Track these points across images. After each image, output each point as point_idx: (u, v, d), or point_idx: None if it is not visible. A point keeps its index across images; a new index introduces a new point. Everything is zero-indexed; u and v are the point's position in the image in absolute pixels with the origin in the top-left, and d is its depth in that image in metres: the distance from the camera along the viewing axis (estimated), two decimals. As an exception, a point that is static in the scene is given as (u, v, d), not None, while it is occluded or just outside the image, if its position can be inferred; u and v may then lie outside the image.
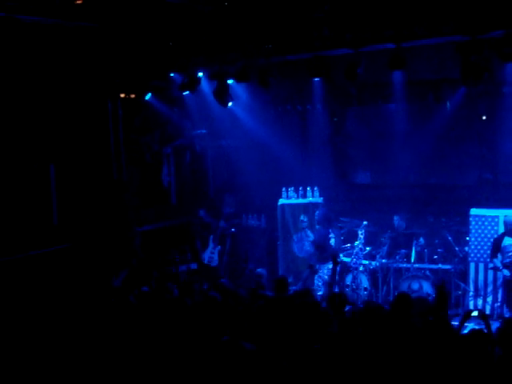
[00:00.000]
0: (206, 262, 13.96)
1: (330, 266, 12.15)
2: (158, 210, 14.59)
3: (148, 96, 13.21)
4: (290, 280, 11.71)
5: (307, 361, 6.91)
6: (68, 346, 8.28)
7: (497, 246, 11.42)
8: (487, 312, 11.56)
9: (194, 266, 13.98)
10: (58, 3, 9.68)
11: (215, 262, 13.82)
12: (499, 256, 11.43)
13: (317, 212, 13.20)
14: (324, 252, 12.55)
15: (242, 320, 7.87)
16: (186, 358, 7.65)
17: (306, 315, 7.91)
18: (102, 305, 9.38)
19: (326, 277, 12.39)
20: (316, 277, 12.61)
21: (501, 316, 11.38)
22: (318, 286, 12.54)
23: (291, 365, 6.86)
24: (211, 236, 13.97)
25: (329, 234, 12.72)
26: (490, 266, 11.70)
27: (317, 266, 12.63)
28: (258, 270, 11.82)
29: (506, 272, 11.36)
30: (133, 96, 13.32)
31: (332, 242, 12.70)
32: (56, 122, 11.90)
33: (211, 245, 13.92)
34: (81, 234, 12.13)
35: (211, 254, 13.85)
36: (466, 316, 8.40)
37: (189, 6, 10.90)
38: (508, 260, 11.28)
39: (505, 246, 11.27)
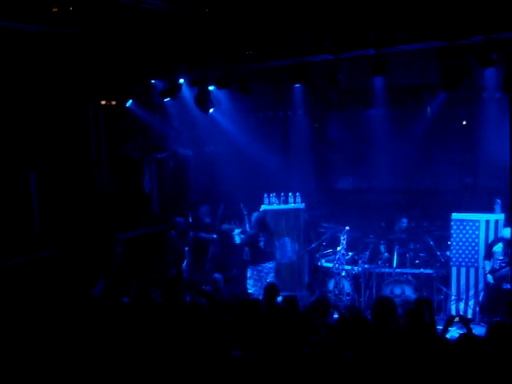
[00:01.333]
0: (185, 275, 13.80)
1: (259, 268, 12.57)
2: (140, 217, 14.52)
3: (129, 103, 13.15)
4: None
5: (289, 369, 6.90)
6: (49, 353, 8.21)
7: (489, 250, 11.52)
8: (469, 316, 11.62)
9: (174, 272, 13.92)
10: (38, 10, 9.61)
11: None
12: (491, 261, 11.51)
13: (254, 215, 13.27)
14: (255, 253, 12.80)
15: (227, 327, 7.87)
16: (174, 365, 7.62)
17: (292, 322, 7.91)
18: (83, 314, 9.30)
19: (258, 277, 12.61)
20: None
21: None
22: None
23: (274, 372, 6.85)
24: (186, 248, 13.87)
25: (259, 236, 12.82)
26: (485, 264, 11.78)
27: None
28: (215, 275, 11.90)
29: (490, 278, 11.42)
30: (114, 103, 13.26)
31: (261, 244, 12.84)
32: (37, 130, 11.83)
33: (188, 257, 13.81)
34: (62, 242, 12.05)
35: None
36: (449, 321, 8.43)
37: (170, 13, 10.88)
38: (496, 266, 11.32)
39: (495, 252, 11.32)
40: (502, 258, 11.26)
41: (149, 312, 9.25)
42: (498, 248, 11.39)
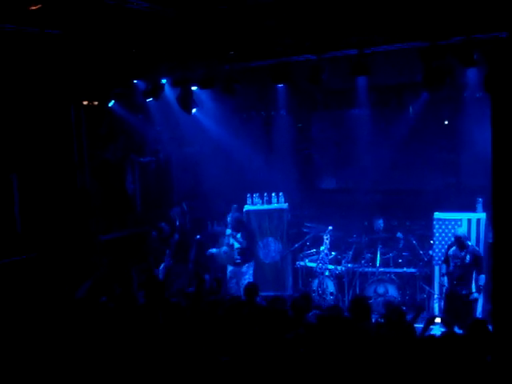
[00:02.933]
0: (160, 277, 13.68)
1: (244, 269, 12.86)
2: (123, 218, 14.46)
3: (111, 103, 13.09)
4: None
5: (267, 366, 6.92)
6: (31, 354, 8.18)
7: (446, 253, 11.50)
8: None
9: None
10: (16, 10, 9.54)
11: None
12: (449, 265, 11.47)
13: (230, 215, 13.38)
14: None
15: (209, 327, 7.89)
16: (156, 364, 7.60)
17: (273, 321, 7.93)
18: (66, 315, 9.25)
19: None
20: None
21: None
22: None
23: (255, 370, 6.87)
24: (167, 250, 13.80)
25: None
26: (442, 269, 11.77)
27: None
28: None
29: (445, 280, 11.44)
30: (96, 103, 13.19)
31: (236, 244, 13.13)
32: (18, 131, 11.74)
33: (167, 260, 13.73)
34: (44, 243, 11.98)
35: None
36: (430, 321, 8.49)
37: (152, 13, 10.84)
38: (451, 269, 11.33)
39: (450, 256, 11.33)
40: (456, 261, 11.20)
41: (131, 313, 9.23)
42: (451, 251, 11.33)
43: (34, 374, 7.90)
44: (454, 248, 11.29)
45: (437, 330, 10.51)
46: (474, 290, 11.21)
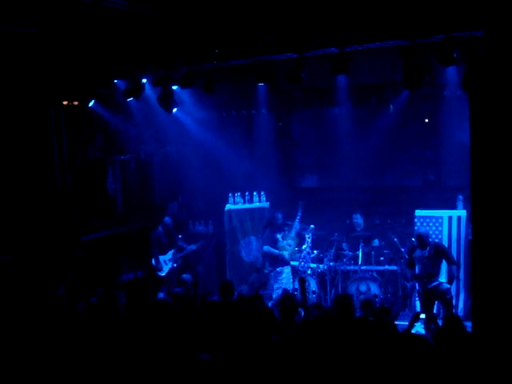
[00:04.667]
0: (162, 271, 13.67)
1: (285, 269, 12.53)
2: (104, 218, 14.39)
3: (91, 103, 13.03)
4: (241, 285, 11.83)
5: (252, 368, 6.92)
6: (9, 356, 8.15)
7: (410, 258, 11.50)
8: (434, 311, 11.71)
9: (140, 273, 13.84)
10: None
11: (164, 272, 13.60)
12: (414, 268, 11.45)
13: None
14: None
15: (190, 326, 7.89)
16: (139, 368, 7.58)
17: (251, 321, 7.92)
18: (46, 317, 9.21)
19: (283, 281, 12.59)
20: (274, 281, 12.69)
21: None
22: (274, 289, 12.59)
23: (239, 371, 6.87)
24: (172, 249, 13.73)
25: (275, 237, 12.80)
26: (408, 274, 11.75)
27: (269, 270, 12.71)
28: (184, 275, 11.87)
29: (416, 284, 11.38)
30: (76, 103, 13.12)
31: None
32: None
33: (170, 255, 13.70)
34: (24, 244, 11.90)
35: (164, 264, 13.59)
36: (415, 318, 8.55)
37: (132, 12, 10.82)
38: (418, 271, 11.36)
39: (416, 257, 11.35)
40: (425, 261, 11.21)
41: (112, 313, 9.21)
42: (419, 253, 11.37)
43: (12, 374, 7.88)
44: (417, 250, 11.32)
45: (419, 327, 10.61)
46: (443, 280, 11.27)
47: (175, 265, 13.60)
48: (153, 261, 13.51)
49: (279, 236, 12.79)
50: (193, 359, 7.25)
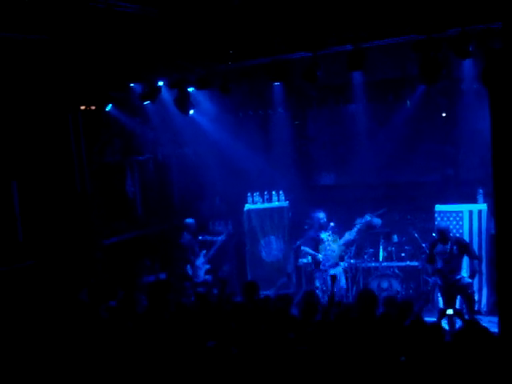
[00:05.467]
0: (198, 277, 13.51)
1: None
2: (124, 221, 14.44)
3: (109, 107, 13.08)
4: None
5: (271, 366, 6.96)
6: (31, 362, 8.21)
7: (431, 253, 11.45)
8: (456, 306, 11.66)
9: (162, 276, 13.88)
10: (13, 16, 9.53)
11: (201, 277, 13.50)
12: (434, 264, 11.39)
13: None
14: None
15: (213, 325, 7.93)
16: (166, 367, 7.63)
17: (272, 321, 7.95)
18: (70, 321, 9.27)
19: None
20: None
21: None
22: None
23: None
24: (203, 251, 13.69)
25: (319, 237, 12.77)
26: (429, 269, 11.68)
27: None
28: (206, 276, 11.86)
29: (437, 279, 11.31)
30: (93, 108, 13.17)
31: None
32: (16, 138, 11.72)
33: (201, 257, 13.62)
34: (46, 249, 11.96)
35: (199, 269, 13.53)
36: (442, 314, 8.51)
37: (147, 16, 10.84)
38: (439, 265, 11.30)
39: (437, 252, 11.29)
40: (445, 257, 11.15)
41: (131, 315, 9.27)
42: (440, 248, 11.27)
43: (35, 377, 7.95)
44: (438, 245, 11.26)
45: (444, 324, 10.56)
46: (465, 274, 11.22)
47: (208, 266, 13.50)
48: (189, 269, 13.43)
49: (325, 236, 12.73)
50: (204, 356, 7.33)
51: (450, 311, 9.94)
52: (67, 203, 12.37)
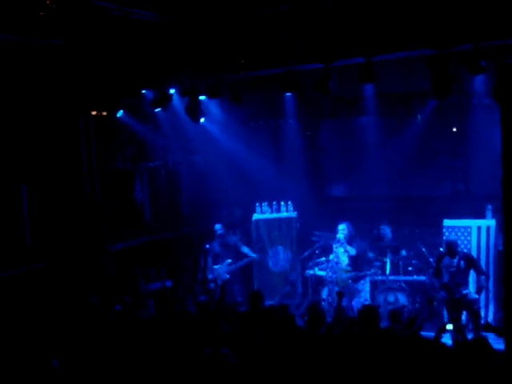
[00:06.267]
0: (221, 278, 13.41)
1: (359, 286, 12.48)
2: (132, 227, 14.46)
3: (120, 113, 13.13)
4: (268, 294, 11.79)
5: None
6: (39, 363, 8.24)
7: (437, 266, 11.40)
8: (462, 322, 11.60)
9: (168, 283, 13.87)
10: (26, 20, 9.60)
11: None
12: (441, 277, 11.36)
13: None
14: None
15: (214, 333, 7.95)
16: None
17: (277, 330, 7.95)
18: (79, 324, 9.30)
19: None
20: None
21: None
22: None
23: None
24: (228, 260, 13.55)
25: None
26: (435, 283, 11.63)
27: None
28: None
29: (443, 293, 11.28)
30: (104, 113, 13.22)
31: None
32: (27, 141, 11.78)
33: (225, 265, 13.46)
34: (54, 253, 12.00)
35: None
36: (442, 329, 8.47)
37: (160, 23, 10.90)
38: (445, 279, 11.24)
39: (444, 266, 11.24)
40: (452, 269, 11.10)
41: (137, 321, 9.30)
42: (446, 261, 11.24)
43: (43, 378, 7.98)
44: (445, 258, 11.22)
45: (447, 338, 10.50)
46: (472, 290, 11.16)
47: (228, 276, 13.37)
48: (206, 272, 13.35)
49: (335, 246, 12.77)
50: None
51: (449, 326, 9.89)
52: (76, 208, 12.42)
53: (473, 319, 11.00)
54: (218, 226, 13.62)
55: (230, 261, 13.43)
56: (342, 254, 12.58)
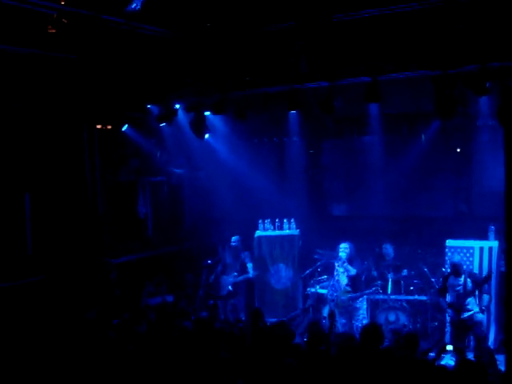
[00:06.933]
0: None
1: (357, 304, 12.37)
2: (134, 241, 14.46)
3: (125, 127, 13.18)
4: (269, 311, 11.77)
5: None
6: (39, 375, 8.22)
7: (443, 285, 11.38)
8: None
9: (169, 298, 13.85)
10: (33, 33, 9.65)
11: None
12: (448, 296, 11.34)
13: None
14: None
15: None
16: None
17: (275, 348, 7.95)
18: (77, 338, 9.27)
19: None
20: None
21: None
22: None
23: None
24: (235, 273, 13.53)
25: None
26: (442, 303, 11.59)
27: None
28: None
29: (450, 312, 11.27)
30: (109, 127, 13.28)
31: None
32: (32, 152, 11.82)
33: (231, 277, 13.47)
34: (55, 264, 11.98)
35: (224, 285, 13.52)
36: (442, 349, 8.44)
37: (167, 39, 10.97)
38: (451, 299, 11.21)
39: (450, 285, 11.22)
40: (458, 288, 11.07)
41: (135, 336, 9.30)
42: (452, 280, 11.20)
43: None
44: (451, 277, 11.21)
45: (448, 359, 10.48)
46: (476, 310, 11.14)
47: (231, 288, 13.38)
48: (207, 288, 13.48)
49: (337, 265, 12.62)
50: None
51: (449, 347, 9.86)
52: (78, 219, 12.42)
53: (476, 340, 10.94)
54: (234, 238, 13.60)
55: (235, 274, 13.43)
56: (342, 274, 12.53)
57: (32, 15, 9.33)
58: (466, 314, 10.93)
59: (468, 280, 10.99)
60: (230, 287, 13.29)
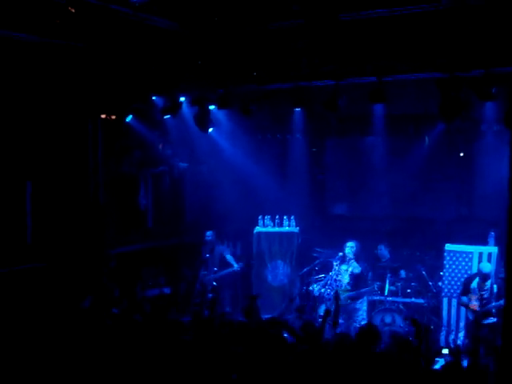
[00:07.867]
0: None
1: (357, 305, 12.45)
2: (134, 232, 14.46)
3: (129, 118, 13.16)
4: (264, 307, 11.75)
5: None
6: (37, 362, 8.22)
7: (466, 286, 11.38)
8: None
9: (167, 290, 13.87)
10: (40, 20, 9.62)
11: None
12: (466, 297, 11.35)
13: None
14: None
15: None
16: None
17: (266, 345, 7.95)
18: (72, 326, 9.28)
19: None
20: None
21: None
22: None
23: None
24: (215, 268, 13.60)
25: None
26: (463, 300, 11.58)
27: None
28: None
29: (469, 314, 11.32)
30: (113, 117, 13.25)
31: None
32: (35, 140, 11.81)
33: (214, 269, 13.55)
34: (53, 253, 11.98)
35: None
36: (437, 353, 8.46)
37: (174, 31, 10.94)
38: (475, 301, 11.20)
39: (473, 288, 11.21)
40: (483, 292, 11.10)
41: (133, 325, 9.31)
42: (475, 283, 11.25)
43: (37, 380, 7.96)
44: (476, 280, 11.20)
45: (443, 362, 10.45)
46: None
47: (215, 283, 13.42)
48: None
49: (336, 264, 12.71)
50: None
51: (445, 351, 9.86)
52: (78, 209, 12.42)
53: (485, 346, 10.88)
54: (209, 233, 13.65)
55: (216, 269, 13.46)
56: (345, 272, 12.53)
57: (40, 2, 9.31)
58: (488, 321, 10.92)
59: (495, 285, 10.98)
60: (213, 282, 13.29)
